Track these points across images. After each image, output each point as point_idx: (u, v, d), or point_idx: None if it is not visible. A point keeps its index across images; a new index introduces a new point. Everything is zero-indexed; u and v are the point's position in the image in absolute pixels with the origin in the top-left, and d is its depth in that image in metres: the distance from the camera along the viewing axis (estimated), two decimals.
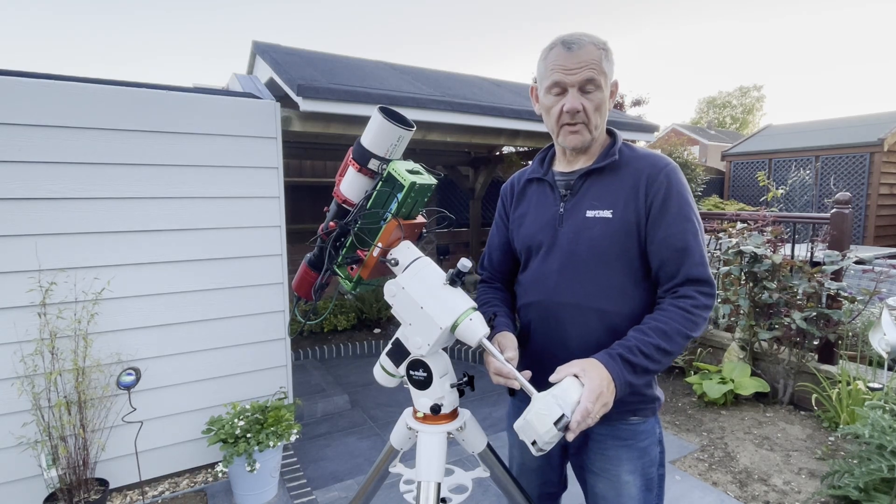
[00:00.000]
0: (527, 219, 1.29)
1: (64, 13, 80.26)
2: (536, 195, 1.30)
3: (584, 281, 1.18)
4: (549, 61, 1.15)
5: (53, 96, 2.24)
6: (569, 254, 1.19)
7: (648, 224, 1.15)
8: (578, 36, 1.14)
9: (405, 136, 1.12)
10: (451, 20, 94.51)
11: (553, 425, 0.94)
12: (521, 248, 1.31)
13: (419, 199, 1.14)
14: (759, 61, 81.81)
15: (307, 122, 2.91)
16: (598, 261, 1.16)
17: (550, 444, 0.96)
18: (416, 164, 1.17)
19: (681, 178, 1.17)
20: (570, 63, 1.12)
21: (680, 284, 1.13)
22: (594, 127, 1.17)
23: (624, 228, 1.15)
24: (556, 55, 1.14)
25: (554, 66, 1.14)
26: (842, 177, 8.14)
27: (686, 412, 3.37)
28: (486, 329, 1.06)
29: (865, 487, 2.15)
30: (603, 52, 1.14)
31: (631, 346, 1.07)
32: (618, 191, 1.17)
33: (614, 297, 1.17)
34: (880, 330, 2.81)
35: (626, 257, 1.16)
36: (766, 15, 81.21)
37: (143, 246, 2.46)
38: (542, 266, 1.24)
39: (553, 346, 1.22)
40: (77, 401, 2.25)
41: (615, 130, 1.26)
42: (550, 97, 1.16)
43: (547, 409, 0.95)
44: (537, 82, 1.22)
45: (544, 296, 1.22)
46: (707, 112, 40.42)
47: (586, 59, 1.12)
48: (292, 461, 2.80)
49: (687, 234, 1.13)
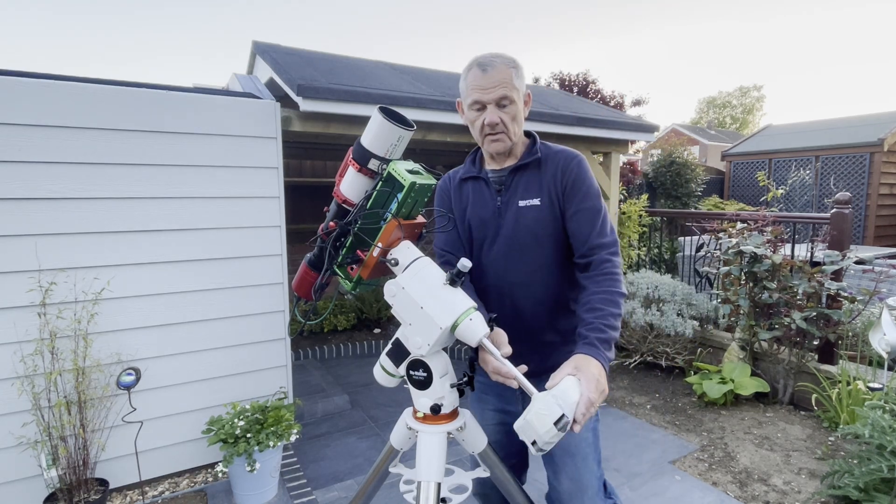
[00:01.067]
0: (468, 213, 1.46)
1: (64, 13, 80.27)
2: (473, 192, 1.46)
3: (526, 261, 1.38)
4: (468, 81, 1.33)
5: (53, 96, 2.24)
6: (510, 239, 1.38)
7: (564, 203, 1.36)
8: (491, 58, 1.31)
9: (405, 137, 1.12)
10: (451, 20, 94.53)
11: (553, 425, 0.94)
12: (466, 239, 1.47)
13: (419, 199, 1.14)
14: (759, 61, 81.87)
15: (307, 122, 2.91)
16: (534, 242, 1.37)
17: (550, 444, 0.96)
18: (416, 164, 1.17)
19: (587, 167, 1.39)
20: (486, 83, 1.29)
21: (591, 249, 1.32)
22: (513, 134, 1.35)
23: (551, 212, 1.36)
24: (474, 76, 1.31)
25: (473, 86, 1.31)
26: (842, 177, 8.13)
27: (686, 412, 3.37)
28: (486, 329, 1.06)
29: (865, 487, 2.15)
30: (514, 70, 1.32)
31: (597, 326, 1.19)
32: (541, 181, 1.37)
33: (553, 270, 1.39)
34: (880, 330, 2.80)
35: (556, 236, 1.37)
36: (766, 15, 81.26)
37: (143, 246, 2.46)
38: (489, 252, 1.42)
39: (509, 318, 1.37)
40: (77, 401, 2.25)
41: (533, 132, 1.46)
42: (473, 112, 1.34)
43: (547, 409, 0.96)
44: (462, 99, 1.39)
45: (497, 279, 1.41)
46: (707, 112, 40.42)
47: (499, 79, 1.29)
48: (292, 461, 2.80)
49: (592, 209, 1.34)
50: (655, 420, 3.28)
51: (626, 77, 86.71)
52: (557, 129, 3.74)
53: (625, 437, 3.07)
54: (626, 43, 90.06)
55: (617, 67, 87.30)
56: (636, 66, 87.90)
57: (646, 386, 3.83)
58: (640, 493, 2.50)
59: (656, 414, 3.37)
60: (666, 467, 2.72)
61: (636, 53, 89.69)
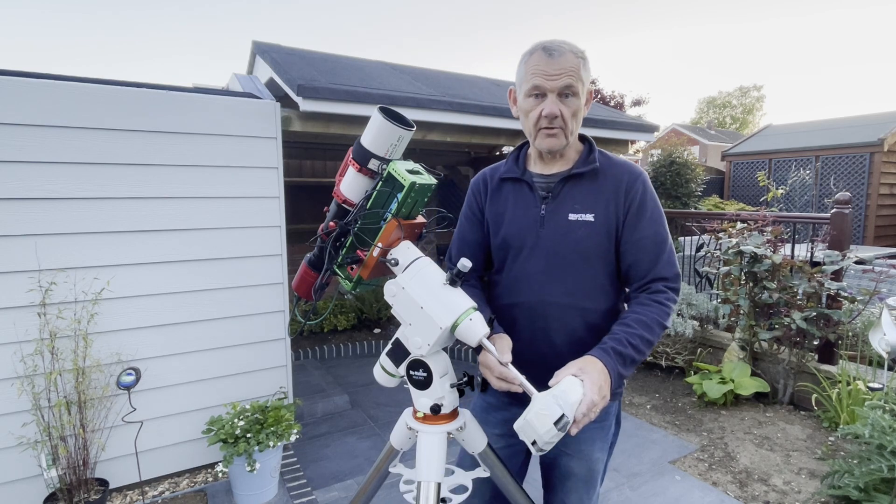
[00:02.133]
0: (505, 218, 1.31)
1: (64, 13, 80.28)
2: (513, 195, 1.31)
3: (568, 281, 1.23)
4: (529, 65, 1.19)
5: (53, 96, 2.24)
6: (553, 255, 1.24)
7: (625, 226, 1.23)
8: (559, 43, 1.17)
9: (405, 136, 1.11)
10: (451, 19, 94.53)
11: (553, 425, 0.94)
12: (498, 246, 1.32)
13: (419, 199, 1.14)
14: (759, 61, 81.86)
15: (307, 122, 2.91)
16: (582, 262, 1.23)
17: (550, 444, 0.96)
18: (416, 164, 1.17)
19: (652, 187, 1.27)
20: (551, 69, 1.15)
21: (651, 281, 1.22)
22: (570, 132, 1.21)
23: (604, 231, 1.22)
24: (538, 60, 1.17)
25: (535, 70, 1.17)
26: (842, 177, 8.13)
27: (686, 412, 3.37)
28: (486, 329, 1.06)
29: (865, 487, 2.14)
30: (581, 61, 1.18)
31: (620, 339, 1.13)
32: (598, 195, 1.23)
33: (595, 295, 1.25)
34: (880, 330, 2.80)
35: (606, 258, 1.24)
36: (766, 15, 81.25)
37: (143, 246, 2.46)
38: (525, 266, 1.27)
39: (539, 343, 1.26)
40: (77, 401, 2.25)
41: (589, 137, 1.30)
42: (530, 101, 1.20)
43: (547, 409, 0.95)
44: (516, 85, 1.25)
45: (531, 296, 1.26)
46: (707, 112, 40.42)
47: (566, 67, 1.15)
48: (292, 461, 2.80)
49: (658, 236, 1.23)
50: (655, 420, 3.28)
51: (626, 77, 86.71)
52: None
53: (625, 437, 3.07)
54: (625, 43, 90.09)
55: (617, 67, 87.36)
56: (636, 66, 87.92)
57: (646, 386, 3.83)
58: (640, 493, 2.50)
59: (656, 414, 3.37)
60: (666, 467, 2.72)
61: (636, 53, 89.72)
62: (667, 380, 3.92)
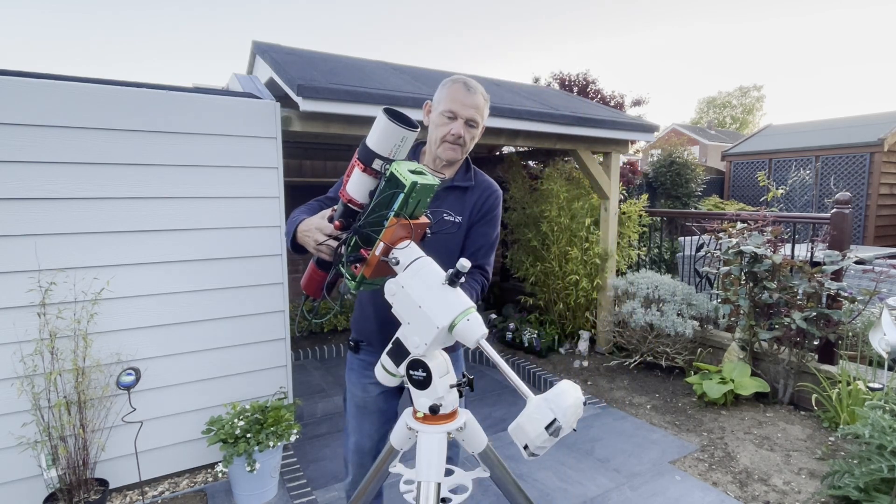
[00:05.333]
0: None
1: (64, 13, 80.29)
2: None
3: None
4: (450, 92, 1.50)
5: (53, 96, 2.24)
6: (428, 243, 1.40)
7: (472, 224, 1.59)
8: (475, 84, 1.51)
9: (409, 137, 1.13)
10: (451, 20, 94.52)
11: (545, 430, 0.93)
12: None
13: (422, 200, 1.14)
14: (759, 61, 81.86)
15: (307, 122, 2.91)
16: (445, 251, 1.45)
17: (543, 448, 0.95)
18: (419, 164, 1.18)
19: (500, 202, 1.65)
20: (467, 101, 1.49)
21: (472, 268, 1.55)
22: (465, 151, 1.55)
23: (465, 230, 1.58)
24: (458, 90, 1.49)
25: (454, 98, 1.49)
26: (842, 177, 8.13)
27: (686, 412, 3.37)
28: (483, 330, 1.06)
29: (865, 487, 2.14)
30: (486, 103, 1.54)
31: None
32: (465, 203, 1.59)
33: None
34: (880, 330, 2.80)
35: (458, 250, 1.58)
36: (765, 15, 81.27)
37: (143, 246, 2.46)
38: None
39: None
40: (77, 401, 2.25)
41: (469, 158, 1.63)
42: (444, 118, 1.50)
43: (539, 413, 0.95)
44: (434, 102, 1.55)
45: None
46: (707, 112, 40.43)
47: (476, 103, 1.50)
48: (292, 461, 2.80)
49: (487, 236, 1.61)
50: (655, 420, 3.28)
51: (626, 77, 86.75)
52: (557, 129, 3.74)
53: (625, 437, 3.07)
54: (626, 43, 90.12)
55: (617, 67, 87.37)
56: (636, 66, 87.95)
57: (646, 386, 3.83)
58: (640, 493, 2.50)
59: (656, 414, 3.37)
60: (666, 467, 2.72)
61: (636, 53, 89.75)
62: (667, 380, 3.92)
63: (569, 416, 0.95)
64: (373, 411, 1.65)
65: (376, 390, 1.62)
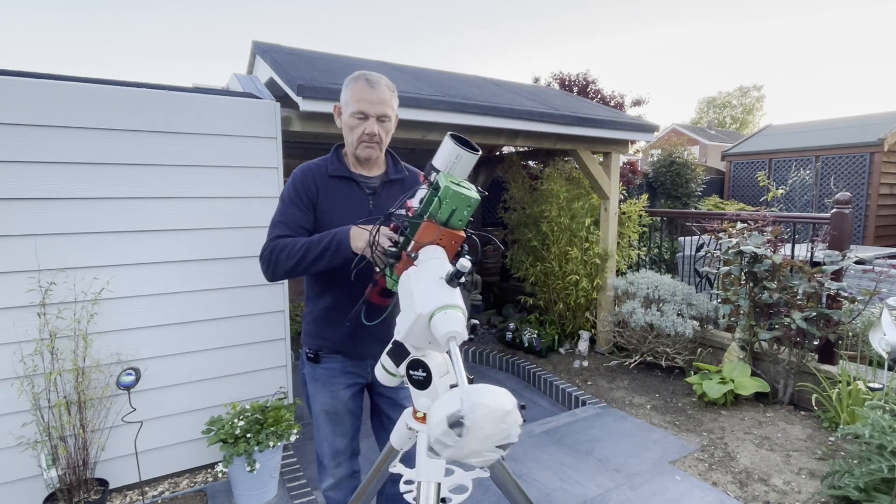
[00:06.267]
0: (336, 211, 1.56)
1: (64, 13, 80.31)
2: (343, 191, 1.58)
3: None
4: (354, 92, 1.49)
5: (53, 96, 2.24)
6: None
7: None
8: (378, 77, 1.51)
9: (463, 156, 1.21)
10: (451, 20, 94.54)
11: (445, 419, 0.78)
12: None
13: (458, 209, 1.16)
14: (759, 61, 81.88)
15: (307, 122, 2.90)
16: None
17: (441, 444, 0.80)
18: (466, 181, 1.24)
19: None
20: (373, 98, 1.48)
21: None
22: (383, 146, 1.56)
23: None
24: (361, 88, 1.48)
25: (359, 97, 1.49)
26: (842, 177, 8.13)
27: (686, 412, 3.37)
28: (457, 328, 0.97)
29: (865, 487, 2.14)
30: (392, 94, 1.54)
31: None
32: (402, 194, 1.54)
33: None
34: (880, 330, 2.80)
35: None
36: (765, 15, 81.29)
37: (143, 246, 2.46)
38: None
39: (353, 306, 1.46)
40: (77, 401, 2.25)
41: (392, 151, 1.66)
42: (354, 120, 1.51)
43: (447, 400, 0.81)
44: (342, 103, 1.55)
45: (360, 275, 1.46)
46: (707, 112, 40.43)
47: (382, 98, 1.50)
48: (292, 461, 2.80)
49: None
50: (655, 420, 3.28)
51: (626, 77, 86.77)
52: (557, 129, 3.74)
53: (625, 437, 3.07)
54: (626, 43, 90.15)
55: (617, 67, 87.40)
56: (636, 66, 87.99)
57: (646, 386, 3.83)
58: (640, 493, 2.50)
59: (656, 414, 3.37)
60: (666, 467, 2.72)
61: (636, 53, 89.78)
62: (667, 380, 3.92)
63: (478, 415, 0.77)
64: (344, 414, 1.69)
65: (346, 394, 1.66)
